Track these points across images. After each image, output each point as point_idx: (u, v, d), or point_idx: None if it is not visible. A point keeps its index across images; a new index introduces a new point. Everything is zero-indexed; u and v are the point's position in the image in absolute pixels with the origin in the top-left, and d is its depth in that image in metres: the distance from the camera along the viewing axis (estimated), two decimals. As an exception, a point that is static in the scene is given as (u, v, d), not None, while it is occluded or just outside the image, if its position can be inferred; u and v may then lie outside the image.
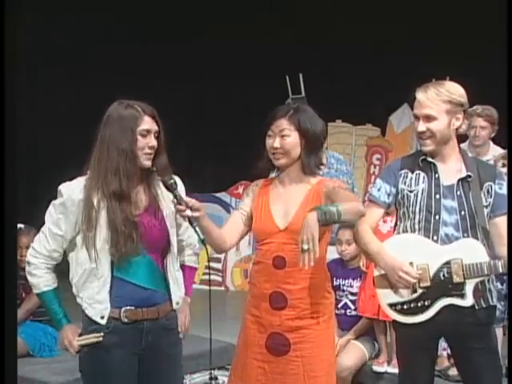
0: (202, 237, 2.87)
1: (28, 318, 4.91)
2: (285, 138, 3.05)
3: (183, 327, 3.13)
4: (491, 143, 5.14)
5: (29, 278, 2.98)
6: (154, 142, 2.90)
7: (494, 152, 5.05)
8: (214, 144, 8.96)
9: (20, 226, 4.95)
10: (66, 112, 8.41)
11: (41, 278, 2.95)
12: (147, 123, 2.90)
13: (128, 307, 2.88)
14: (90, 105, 8.23)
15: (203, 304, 3.23)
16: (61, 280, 3.00)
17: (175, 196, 2.85)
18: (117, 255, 2.84)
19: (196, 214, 2.83)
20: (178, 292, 3.02)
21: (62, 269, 3.05)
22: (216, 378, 4.77)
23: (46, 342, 4.87)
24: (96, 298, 2.87)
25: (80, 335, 2.93)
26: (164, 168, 2.96)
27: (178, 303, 3.01)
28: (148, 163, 2.91)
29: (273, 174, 3.23)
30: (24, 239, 4.86)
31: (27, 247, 4.74)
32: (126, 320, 2.87)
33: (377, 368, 4.66)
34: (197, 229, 2.84)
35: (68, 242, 2.91)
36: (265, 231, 3.10)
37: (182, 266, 3.14)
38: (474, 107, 5.02)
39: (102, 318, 2.86)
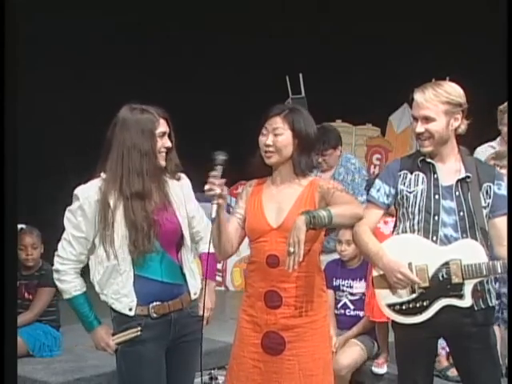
0: (213, 215, 2.90)
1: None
2: (277, 136, 3.07)
3: (207, 310, 3.23)
4: None
5: (58, 284, 3.10)
6: (169, 143, 3.09)
7: None
8: (214, 144, 8.95)
9: (21, 226, 4.98)
10: (67, 112, 8.41)
11: (71, 284, 3.07)
12: (163, 126, 3.08)
13: (155, 303, 3.03)
14: (91, 105, 8.26)
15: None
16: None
17: (216, 170, 2.93)
18: (136, 252, 2.98)
19: (220, 200, 2.89)
20: (194, 283, 3.18)
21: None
22: (216, 378, 4.78)
23: (46, 341, 4.88)
24: (122, 293, 3.01)
25: (113, 335, 3.06)
26: (175, 166, 3.15)
27: (195, 293, 3.17)
28: (164, 163, 3.10)
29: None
30: (28, 239, 4.92)
31: (32, 246, 4.87)
32: (154, 315, 3.04)
33: (376, 369, 4.64)
34: (214, 207, 2.89)
35: (91, 243, 3.04)
36: (257, 229, 3.10)
37: (203, 255, 3.25)
38: (506, 104, 5.00)
39: (130, 309, 3.02)
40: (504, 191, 3.19)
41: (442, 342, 4.13)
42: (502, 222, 3.16)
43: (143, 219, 2.98)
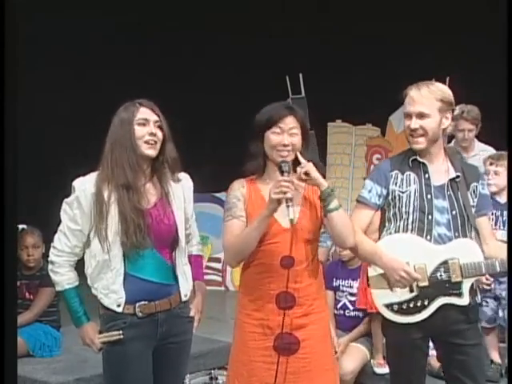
0: (291, 216, 2.90)
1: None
2: (294, 136, 3.06)
3: (197, 312, 3.19)
4: (476, 140, 5.25)
5: (52, 276, 3.08)
6: (153, 130, 3.01)
7: (480, 148, 5.18)
8: (214, 144, 8.96)
9: (23, 226, 4.97)
10: (67, 112, 8.41)
11: (64, 276, 3.05)
12: (144, 113, 3.02)
13: (142, 302, 2.99)
14: (91, 105, 8.27)
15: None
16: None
17: (286, 176, 2.97)
18: (128, 243, 2.94)
19: (292, 202, 2.90)
20: (186, 285, 3.13)
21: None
22: (216, 378, 4.78)
23: (46, 342, 4.87)
24: (111, 288, 2.98)
25: (100, 333, 3.03)
26: (172, 158, 3.07)
27: (186, 295, 3.12)
28: (151, 152, 3.02)
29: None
30: (30, 239, 4.91)
31: (33, 246, 4.86)
32: (140, 314, 2.99)
33: (378, 370, 4.61)
34: (291, 209, 2.90)
35: (86, 237, 3.01)
36: (268, 231, 3.03)
37: (191, 256, 3.25)
38: (459, 110, 5.04)
39: (119, 306, 2.98)
40: (487, 191, 3.27)
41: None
42: (485, 221, 3.25)
43: (132, 210, 2.94)
